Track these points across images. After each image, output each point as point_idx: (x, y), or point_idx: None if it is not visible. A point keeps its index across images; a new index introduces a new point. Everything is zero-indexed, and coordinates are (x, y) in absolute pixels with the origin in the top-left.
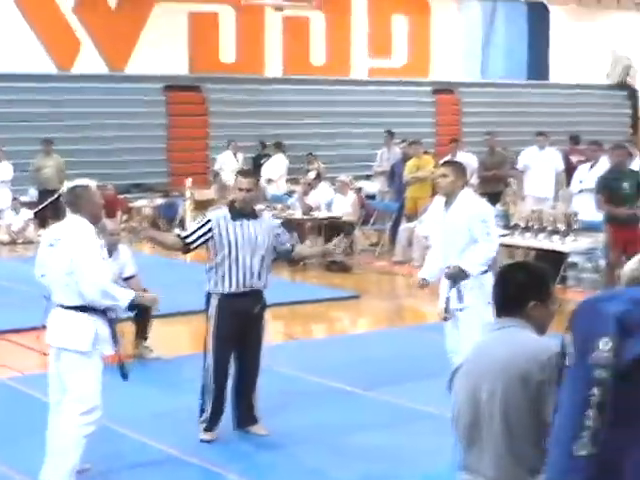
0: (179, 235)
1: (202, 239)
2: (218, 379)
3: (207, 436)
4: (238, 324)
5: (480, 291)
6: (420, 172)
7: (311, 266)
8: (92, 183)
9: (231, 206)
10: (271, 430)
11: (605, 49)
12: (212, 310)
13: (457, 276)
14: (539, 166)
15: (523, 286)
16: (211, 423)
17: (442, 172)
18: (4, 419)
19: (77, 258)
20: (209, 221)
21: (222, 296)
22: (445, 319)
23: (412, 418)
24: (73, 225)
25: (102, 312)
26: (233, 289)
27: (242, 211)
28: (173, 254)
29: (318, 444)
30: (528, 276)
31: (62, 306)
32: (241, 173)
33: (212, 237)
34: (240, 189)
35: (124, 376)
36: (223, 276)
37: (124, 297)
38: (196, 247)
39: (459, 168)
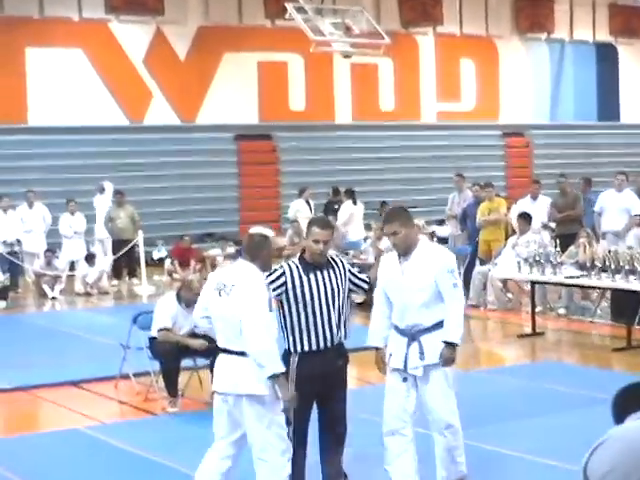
0: None
1: (276, 291)
2: (300, 442)
3: None
4: (321, 383)
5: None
6: (493, 215)
7: None
8: (271, 233)
9: (301, 257)
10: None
11: None
12: (292, 372)
13: (452, 357)
14: (616, 208)
15: None
16: None
17: (391, 230)
18: (84, 468)
19: (248, 309)
20: (283, 273)
21: (302, 355)
22: (404, 379)
23: (492, 460)
24: (247, 272)
25: None
26: (314, 347)
27: (316, 263)
28: None
29: None
30: None
31: (232, 352)
32: (317, 224)
33: (285, 291)
34: (316, 241)
35: (289, 422)
36: (301, 333)
37: (274, 367)
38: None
39: (405, 218)
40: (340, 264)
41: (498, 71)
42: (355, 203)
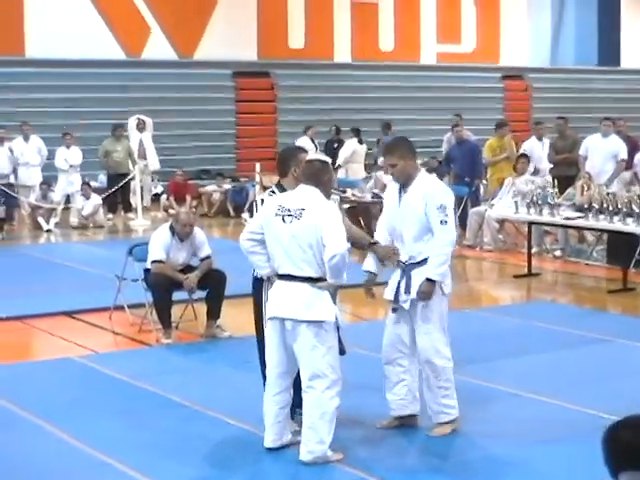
0: None
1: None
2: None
3: None
4: None
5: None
6: (507, 152)
7: None
8: (328, 159)
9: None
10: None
11: None
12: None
13: (427, 292)
14: (602, 153)
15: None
16: None
17: (390, 162)
18: (78, 396)
19: (326, 224)
20: None
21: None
22: (393, 310)
23: (486, 397)
24: (315, 196)
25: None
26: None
27: None
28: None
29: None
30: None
31: (296, 277)
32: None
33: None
34: None
35: (342, 352)
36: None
37: (342, 277)
38: None
39: (404, 150)
40: None
41: (499, 13)
42: (361, 142)
